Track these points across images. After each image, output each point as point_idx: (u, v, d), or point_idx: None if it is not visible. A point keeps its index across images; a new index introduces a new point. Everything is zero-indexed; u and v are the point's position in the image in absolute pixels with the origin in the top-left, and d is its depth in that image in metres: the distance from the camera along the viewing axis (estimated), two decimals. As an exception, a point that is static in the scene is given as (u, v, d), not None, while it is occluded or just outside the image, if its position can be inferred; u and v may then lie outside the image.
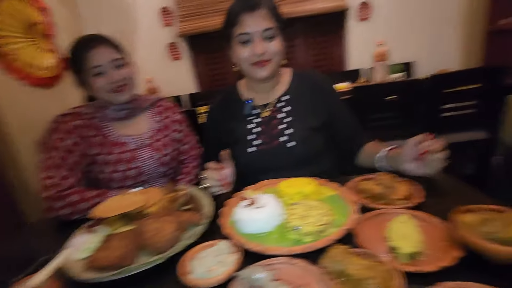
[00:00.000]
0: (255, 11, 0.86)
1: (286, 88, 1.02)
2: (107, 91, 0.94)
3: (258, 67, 0.90)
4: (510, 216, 0.49)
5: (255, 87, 1.02)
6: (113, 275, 0.56)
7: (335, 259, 0.47)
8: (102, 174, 0.95)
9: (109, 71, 0.93)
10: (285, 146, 0.95)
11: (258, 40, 0.87)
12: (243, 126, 1.00)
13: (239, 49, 0.89)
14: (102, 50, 0.93)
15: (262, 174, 0.92)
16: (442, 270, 0.48)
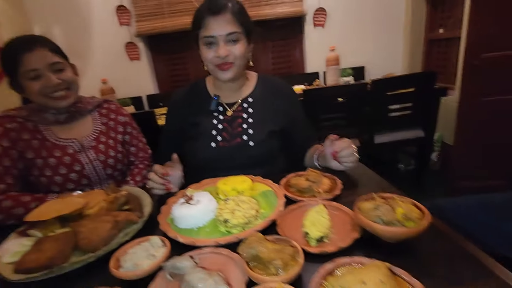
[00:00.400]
0: (219, 15, 0.89)
1: (251, 91, 1.07)
2: (44, 96, 0.90)
3: (222, 70, 0.94)
4: (395, 203, 0.59)
5: (221, 86, 1.05)
6: (43, 275, 0.57)
7: (249, 245, 0.53)
8: (42, 177, 0.92)
9: (47, 75, 0.89)
10: (244, 146, 1.00)
11: (222, 43, 0.90)
12: (208, 121, 1.03)
13: (204, 50, 0.93)
14: (39, 52, 0.89)
15: (220, 170, 0.95)
16: (341, 250, 0.56)
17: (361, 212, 0.60)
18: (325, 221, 0.63)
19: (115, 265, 0.57)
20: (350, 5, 2.94)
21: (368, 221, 0.56)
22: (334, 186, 0.81)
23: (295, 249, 0.53)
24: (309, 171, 0.85)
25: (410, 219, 0.54)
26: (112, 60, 2.81)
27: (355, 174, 0.94)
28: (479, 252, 0.53)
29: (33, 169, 0.92)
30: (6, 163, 0.88)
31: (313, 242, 0.59)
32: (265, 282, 0.47)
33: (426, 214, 0.56)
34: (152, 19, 2.77)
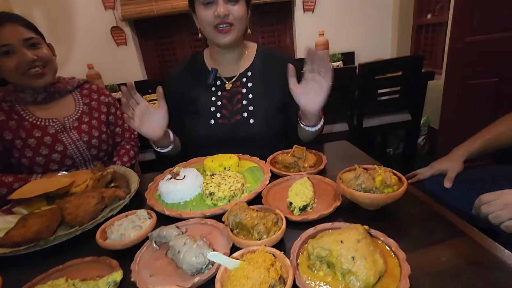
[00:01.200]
0: None
1: (250, 63, 1.01)
2: (21, 73, 0.88)
3: (221, 33, 0.88)
4: (375, 172, 0.61)
5: (219, 58, 1.00)
6: (29, 248, 0.58)
7: (233, 213, 0.54)
8: (23, 158, 0.91)
9: (21, 50, 0.86)
10: (245, 123, 0.96)
11: (221, 1, 0.84)
12: (206, 97, 0.98)
13: (202, 11, 0.87)
14: (10, 27, 0.85)
15: (220, 148, 0.92)
16: (324, 218, 0.59)
17: (343, 182, 0.62)
18: (309, 192, 0.65)
19: (102, 236, 0.58)
20: (340, -11, 2.91)
21: (348, 189, 0.58)
22: (320, 162, 0.83)
23: (278, 216, 0.55)
24: (294, 147, 0.86)
25: (388, 186, 0.56)
26: (98, 45, 2.73)
27: (341, 151, 0.96)
28: (451, 214, 0.56)
29: (13, 151, 0.91)
30: None
31: (297, 210, 0.60)
32: (248, 246, 0.49)
33: (404, 181, 0.58)
34: (138, 3, 2.68)
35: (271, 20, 3.08)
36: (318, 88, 0.78)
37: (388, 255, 0.46)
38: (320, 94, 0.78)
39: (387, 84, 2.14)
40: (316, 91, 0.78)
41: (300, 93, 0.80)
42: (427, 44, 2.85)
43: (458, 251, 0.48)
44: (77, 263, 0.53)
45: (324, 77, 0.76)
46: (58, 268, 0.52)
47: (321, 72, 0.76)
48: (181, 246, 0.48)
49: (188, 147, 1.04)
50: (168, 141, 0.93)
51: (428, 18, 2.78)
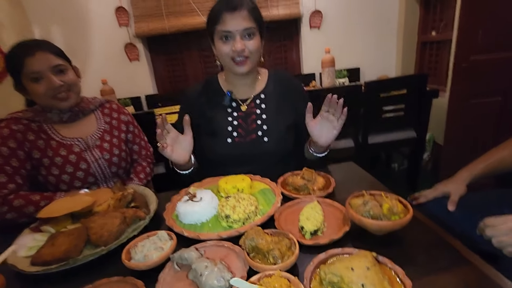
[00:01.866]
0: (236, 11, 0.93)
1: (263, 87, 1.10)
2: (49, 97, 0.95)
3: (238, 65, 0.97)
4: (382, 199, 0.65)
5: (234, 82, 1.08)
6: (59, 267, 0.62)
7: (249, 237, 0.58)
8: (50, 176, 0.97)
9: (49, 77, 0.93)
10: (259, 141, 1.03)
11: (238, 37, 0.94)
12: (223, 117, 1.05)
13: (220, 45, 0.96)
14: (41, 56, 0.92)
15: (236, 165, 1.00)
16: (333, 242, 0.62)
17: (351, 208, 0.65)
18: (319, 216, 0.68)
19: (127, 257, 0.62)
20: (345, 7, 3.00)
21: (357, 215, 0.62)
22: (328, 184, 0.87)
23: (291, 241, 0.59)
24: (304, 170, 0.90)
25: (394, 214, 0.60)
26: (112, 61, 2.84)
27: (348, 173, 1.00)
28: (457, 242, 0.59)
29: (40, 169, 0.97)
30: (14, 163, 0.92)
31: (308, 235, 0.64)
32: (264, 270, 0.52)
33: (409, 208, 0.62)
34: (150, 20, 2.80)
35: (278, 37, 3.17)
36: (332, 126, 0.90)
37: (395, 282, 0.49)
38: (332, 131, 0.90)
39: (392, 102, 2.19)
40: (329, 128, 0.90)
41: (314, 128, 0.91)
42: (431, 61, 2.91)
43: (463, 279, 0.51)
44: (104, 283, 0.57)
45: (338, 119, 0.88)
46: (88, 287, 0.56)
47: (335, 115, 0.88)
48: (203, 269, 0.52)
49: (203, 165, 1.10)
50: (190, 164, 0.99)
51: (433, 35, 2.84)
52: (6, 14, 2.35)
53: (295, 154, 1.13)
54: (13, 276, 0.64)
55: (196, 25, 2.81)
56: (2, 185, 0.89)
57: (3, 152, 0.91)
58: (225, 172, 0.97)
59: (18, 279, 0.64)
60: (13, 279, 0.64)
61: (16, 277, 0.64)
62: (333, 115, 0.88)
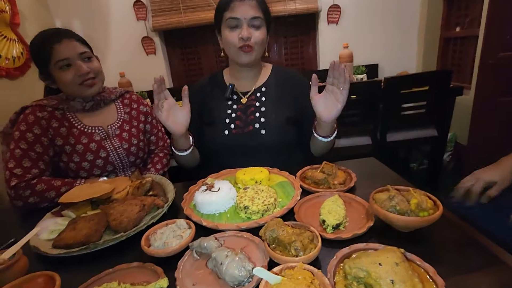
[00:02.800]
0: (245, 0, 0.95)
1: (265, 80, 1.11)
2: (77, 84, 0.96)
3: (244, 51, 0.97)
4: (409, 194, 0.62)
5: (237, 74, 1.10)
6: (81, 250, 0.63)
7: (270, 228, 0.57)
8: (71, 163, 0.98)
9: (78, 63, 0.95)
10: (256, 133, 1.03)
11: (245, 26, 0.95)
12: (222, 108, 1.07)
13: (227, 33, 0.97)
14: (69, 43, 0.94)
15: (234, 157, 1.02)
16: (356, 237, 0.60)
17: (376, 202, 0.63)
18: (341, 210, 0.66)
19: (146, 243, 0.62)
20: (365, 1, 2.92)
21: (382, 210, 0.59)
22: (348, 179, 0.84)
23: (313, 234, 0.57)
24: (324, 163, 0.88)
25: (423, 210, 0.57)
26: (129, 54, 2.88)
27: (369, 168, 0.97)
28: (488, 241, 0.56)
29: (62, 155, 0.98)
30: (38, 149, 0.94)
31: (330, 229, 0.62)
32: (286, 262, 0.51)
33: (439, 205, 0.59)
34: (167, 14, 2.82)
35: (294, 31, 3.13)
36: (335, 99, 0.85)
37: (426, 280, 0.47)
38: (336, 105, 0.85)
39: (413, 99, 2.11)
40: (333, 101, 0.85)
41: (319, 102, 0.88)
42: (455, 58, 2.79)
43: (497, 279, 0.48)
44: (124, 268, 0.57)
45: (342, 90, 0.83)
46: (108, 271, 0.56)
47: (339, 85, 0.83)
48: (223, 258, 0.51)
49: (206, 156, 1.12)
50: (188, 144, 0.98)
51: (457, 31, 2.73)
52: (29, 7, 2.42)
53: (298, 149, 1.12)
54: (35, 258, 0.65)
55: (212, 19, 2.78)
56: (26, 170, 0.91)
57: (28, 138, 0.93)
58: (222, 163, 1.00)
59: (40, 261, 0.65)
60: (35, 261, 0.65)
61: (38, 259, 0.65)
62: (337, 86, 0.84)
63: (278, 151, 1.06)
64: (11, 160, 0.91)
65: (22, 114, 0.97)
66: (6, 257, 0.56)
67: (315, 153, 1.09)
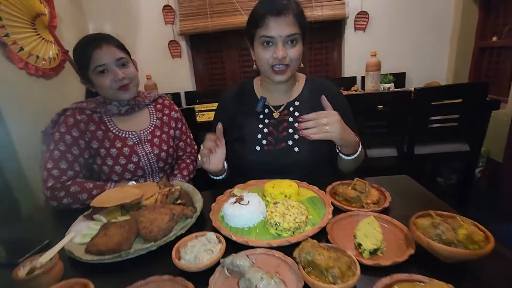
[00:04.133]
0: (281, 16, 0.88)
1: (298, 93, 1.06)
2: (114, 89, 0.99)
3: (277, 74, 0.94)
4: (456, 222, 0.57)
5: (269, 88, 1.05)
6: (113, 258, 0.63)
7: (305, 251, 0.55)
8: (105, 166, 1.01)
9: (114, 69, 0.97)
10: (289, 151, 0.99)
11: (280, 44, 0.90)
12: (253, 124, 1.03)
13: (260, 51, 0.93)
14: (107, 49, 0.97)
15: (264, 174, 0.96)
16: (396, 265, 0.56)
17: (417, 229, 0.59)
18: (378, 234, 0.63)
19: (176, 256, 0.61)
20: (395, 8, 2.84)
21: (426, 239, 0.56)
22: (382, 198, 0.80)
23: (350, 259, 0.54)
24: (356, 180, 0.84)
25: (473, 242, 0.53)
26: (156, 57, 2.96)
27: (403, 187, 0.92)
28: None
29: (97, 158, 1.01)
30: (75, 151, 0.97)
31: (367, 254, 0.59)
32: (323, 289, 0.48)
33: (489, 236, 0.54)
34: (195, 19, 2.87)
35: (320, 38, 3.09)
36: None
37: (480, 323, 0.43)
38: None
39: (444, 111, 2.02)
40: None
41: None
42: (490, 69, 2.65)
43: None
44: (155, 280, 0.57)
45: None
46: (140, 283, 0.56)
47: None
48: (258, 280, 0.49)
49: (234, 171, 1.08)
50: (223, 170, 0.98)
51: (494, 41, 2.59)
52: (66, 10, 2.54)
53: (328, 164, 1.06)
54: (68, 262, 0.66)
55: (238, 24, 2.82)
56: (62, 172, 0.94)
57: (67, 140, 0.96)
58: (253, 178, 0.95)
59: (73, 265, 0.66)
60: (68, 265, 0.66)
61: (71, 263, 0.67)
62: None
63: (309, 168, 1.01)
64: (49, 161, 0.94)
65: (63, 115, 1.01)
66: (44, 261, 0.57)
67: (343, 170, 1.04)
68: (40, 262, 0.57)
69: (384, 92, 2.21)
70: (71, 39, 2.51)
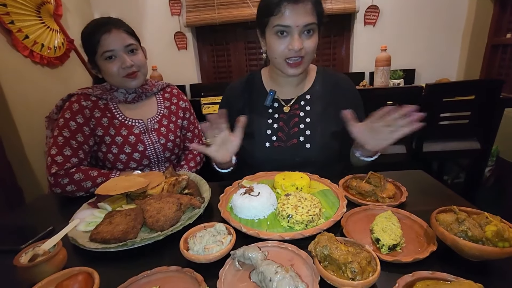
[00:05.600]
0: (299, 3, 0.80)
1: (309, 86, 0.99)
2: (121, 76, 0.96)
3: (291, 67, 0.87)
4: (480, 218, 0.54)
5: (279, 80, 0.98)
6: (118, 247, 0.61)
7: (322, 244, 0.52)
8: (110, 154, 0.98)
9: (122, 55, 0.94)
10: (301, 147, 0.94)
11: (296, 35, 0.82)
12: (263, 119, 0.97)
13: (274, 41, 0.85)
14: (116, 34, 0.93)
15: (273, 169, 0.91)
16: (417, 262, 0.53)
17: (440, 224, 0.56)
18: (397, 228, 0.60)
19: (185, 246, 0.58)
20: (406, 3, 2.76)
21: (450, 235, 0.52)
22: (398, 193, 0.77)
23: (370, 255, 0.51)
24: (370, 174, 0.81)
25: (504, 239, 0.49)
26: (162, 48, 2.92)
27: (418, 182, 0.89)
28: None
29: (102, 146, 0.99)
30: (80, 138, 0.95)
31: (385, 249, 0.56)
32: (343, 286, 0.45)
33: (520, 235, 0.51)
34: (201, 10, 2.82)
35: (328, 31, 3.03)
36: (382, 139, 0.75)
37: (514, 325, 0.39)
38: (384, 142, 0.75)
39: (455, 108, 1.96)
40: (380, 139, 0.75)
41: (361, 136, 0.78)
42: (503, 66, 2.58)
43: None
44: (163, 271, 0.54)
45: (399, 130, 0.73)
46: (146, 273, 0.53)
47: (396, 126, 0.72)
48: (273, 274, 0.46)
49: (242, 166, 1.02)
50: (230, 164, 0.92)
51: (508, 38, 2.52)
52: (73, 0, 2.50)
53: (339, 160, 1.01)
54: (72, 250, 0.64)
55: (245, 16, 2.77)
56: (66, 159, 0.91)
57: (71, 126, 0.94)
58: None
59: (77, 253, 0.64)
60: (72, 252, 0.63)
61: (75, 251, 0.64)
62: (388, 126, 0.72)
63: (320, 165, 0.96)
64: (53, 147, 0.92)
65: (68, 101, 0.98)
66: (46, 248, 0.55)
67: (354, 165, 0.98)
68: (42, 249, 0.54)
69: (394, 88, 2.16)
70: (76, 28, 2.48)
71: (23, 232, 0.79)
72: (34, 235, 0.70)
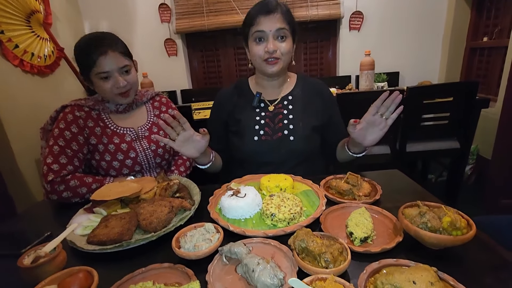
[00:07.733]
0: (270, 14, 0.98)
1: (291, 89, 1.14)
2: (113, 94, 1.00)
3: (270, 64, 1.01)
4: (440, 211, 0.61)
5: (263, 83, 1.13)
6: (114, 247, 0.65)
7: (299, 238, 0.58)
8: (103, 161, 1.02)
9: (116, 77, 0.98)
10: (285, 140, 1.06)
11: (271, 39, 0.98)
12: (251, 116, 1.09)
13: (254, 46, 1.02)
14: (112, 57, 0.96)
15: (263, 163, 1.06)
16: (385, 251, 0.60)
17: (405, 218, 0.62)
18: (368, 223, 0.66)
19: (176, 245, 0.64)
20: (389, 8, 2.88)
21: (413, 227, 0.59)
22: (374, 191, 0.84)
23: (342, 246, 0.57)
24: (348, 174, 0.88)
25: (457, 229, 0.56)
26: (152, 55, 2.96)
27: (394, 181, 0.96)
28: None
29: (95, 154, 1.03)
30: (74, 147, 0.99)
31: (358, 241, 0.62)
32: (317, 274, 0.51)
33: (472, 224, 0.58)
34: (191, 17, 2.88)
35: (315, 37, 3.12)
36: (379, 129, 0.86)
37: (461, 301, 0.46)
38: (378, 132, 0.87)
39: (436, 109, 2.07)
40: (377, 132, 0.86)
41: (359, 135, 0.88)
42: (480, 69, 2.71)
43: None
44: (156, 268, 0.59)
45: (389, 119, 0.84)
46: (141, 270, 0.58)
47: (387, 114, 0.84)
48: (255, 265, 0.52)
49: (230, 163, 1.15)
50: (207, 160, 0.98)
51: (484, 41, 2.65)
52: (61, 8, 2.53)
53: (320, 157, 1.16)
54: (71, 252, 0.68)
55: (234, 23, 2.84)
56: (62, 166, 0.95)
57: (66, 136, 0.98)
58: (251, 169, 1.03)
59: (75, 255, 0.68)
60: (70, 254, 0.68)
61: (73, 253, 0.69)
62: (381, 115, 0.84)
63: (303, 158, 1.09)
64: (49, 156, 0.96)
65: (62, 112, 1.02)
66: (47, 250, 0.59)
67: (340, 160, 1.11)
68: (44, 251, 0.58)
69: (378, 91, 2.25)
70: (66, 36, 2.51)
71: (21, 237, 0.82)
72: (33, 240, 0.74)
